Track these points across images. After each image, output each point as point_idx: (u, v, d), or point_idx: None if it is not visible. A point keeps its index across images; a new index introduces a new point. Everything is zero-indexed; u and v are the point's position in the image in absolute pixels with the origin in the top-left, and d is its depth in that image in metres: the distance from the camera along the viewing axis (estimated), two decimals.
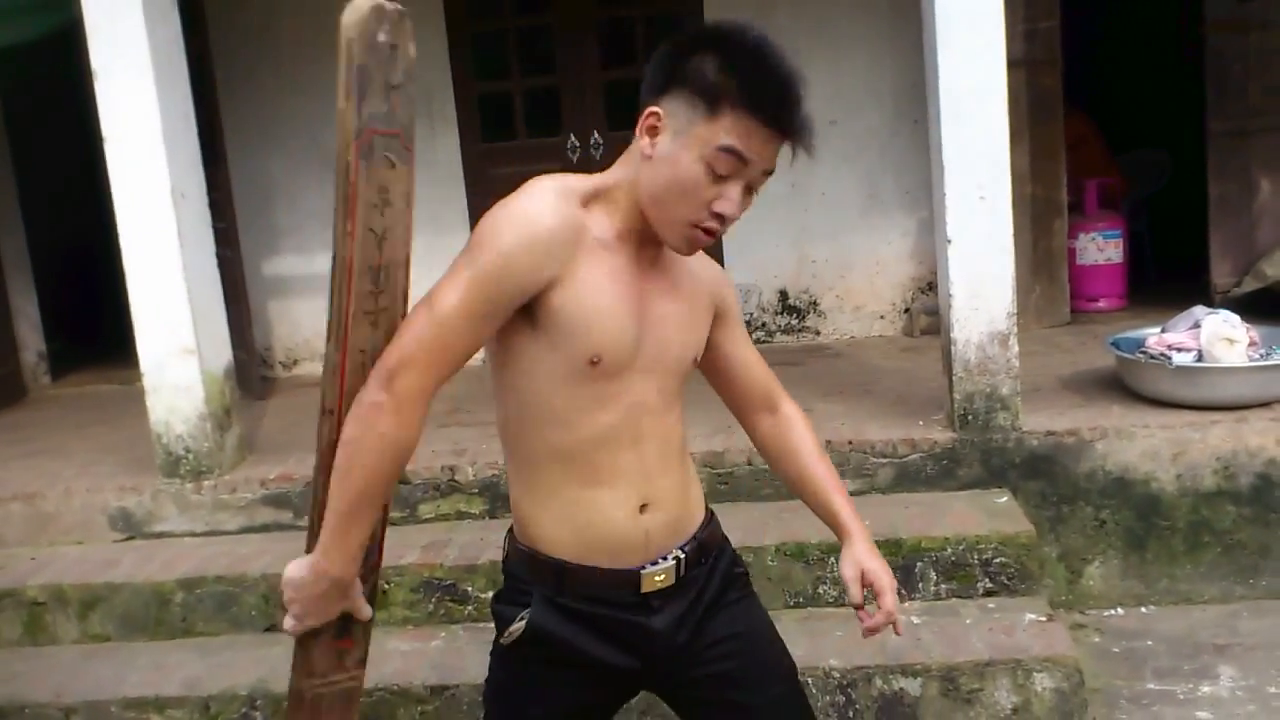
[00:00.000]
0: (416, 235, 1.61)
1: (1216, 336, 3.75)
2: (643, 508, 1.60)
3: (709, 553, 1.69)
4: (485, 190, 5.25)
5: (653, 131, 1.50)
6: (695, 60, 1.47)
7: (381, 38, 1.45)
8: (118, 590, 3.52)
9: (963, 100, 3.56)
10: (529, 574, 1.62)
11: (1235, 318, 3.84)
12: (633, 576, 1.60)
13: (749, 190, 1.53)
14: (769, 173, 1.53)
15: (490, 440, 3.97)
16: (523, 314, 1.49)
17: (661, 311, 1.59)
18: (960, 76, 3.55)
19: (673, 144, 1.48)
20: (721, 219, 1.51)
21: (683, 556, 1.64)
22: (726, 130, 1.46)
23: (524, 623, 1.60)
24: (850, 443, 3.72)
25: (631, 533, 1.59)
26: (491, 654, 1.72)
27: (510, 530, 1.69)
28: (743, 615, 1.71)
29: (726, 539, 1.78)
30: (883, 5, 5.26)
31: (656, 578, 1.61)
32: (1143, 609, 3.65)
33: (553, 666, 1.62)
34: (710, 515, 1.74)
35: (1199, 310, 3.94)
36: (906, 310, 5.53)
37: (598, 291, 1.49)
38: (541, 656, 1.62)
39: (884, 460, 3.71)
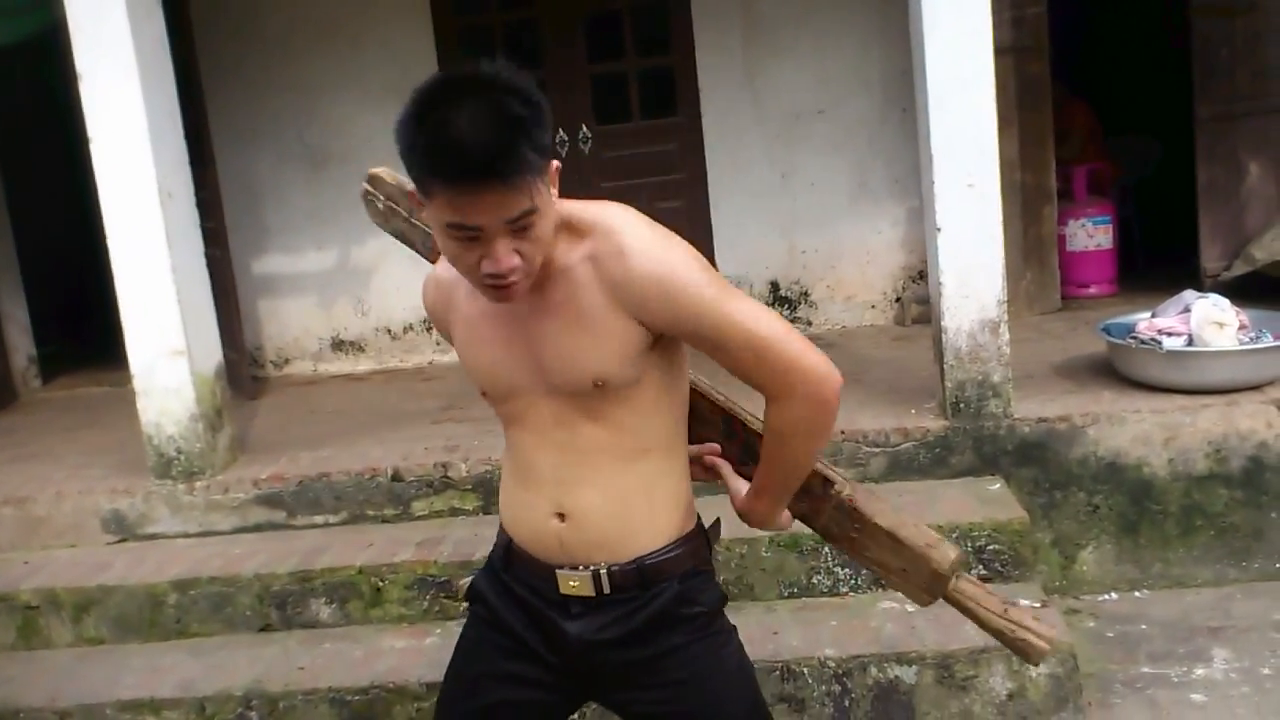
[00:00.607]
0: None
1: (1206, 320, 3.76)
2: (560, 516, 1.62)
3: (651, 582, 1.62)
4: None
5: (420, 210, 1.55)
6: (400, 146, 1.43)
7: None
8: (111, 593, 3.52)
9: (950, 88, 3.56)
10: (496, 542, 1.77)
11: (1225, 301, 3.85)
12: (551, 573, 1.64)
13: (518, 235, 1.42)
14: (519, 218, 1.40)
15: (483, 436, 3.96)
16: None
17: (539, 336, 1.56)
18: (948, 64, 3.55)
19: (438, 239, 1.48)
20: (500, 275, 1.44)
21: (604, 573, 1.61)
22: (440, 207, 1.41)
23: (470, 579, 1.78)
24: (843, 433, 3.73)
25: (545, 534, 1.64)
26: None
27: None
28: (689, 661, 1.64)
29: (697, 575, 1.66)
30: None
31: (571, 582, 1.63)
32: (1136, 593, 3.66)
33: (488, 628, 1.74)
34: (677, 545, 1.64)
35: (1189, 295, 3.94)
36: (898, 299, 5.53)
37: (469, 332, 1.64)
38: (480, 616, 1.76)
39: (877, 449, 3.72)
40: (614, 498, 1.61)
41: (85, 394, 5.76)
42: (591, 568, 1.62)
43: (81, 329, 6.59)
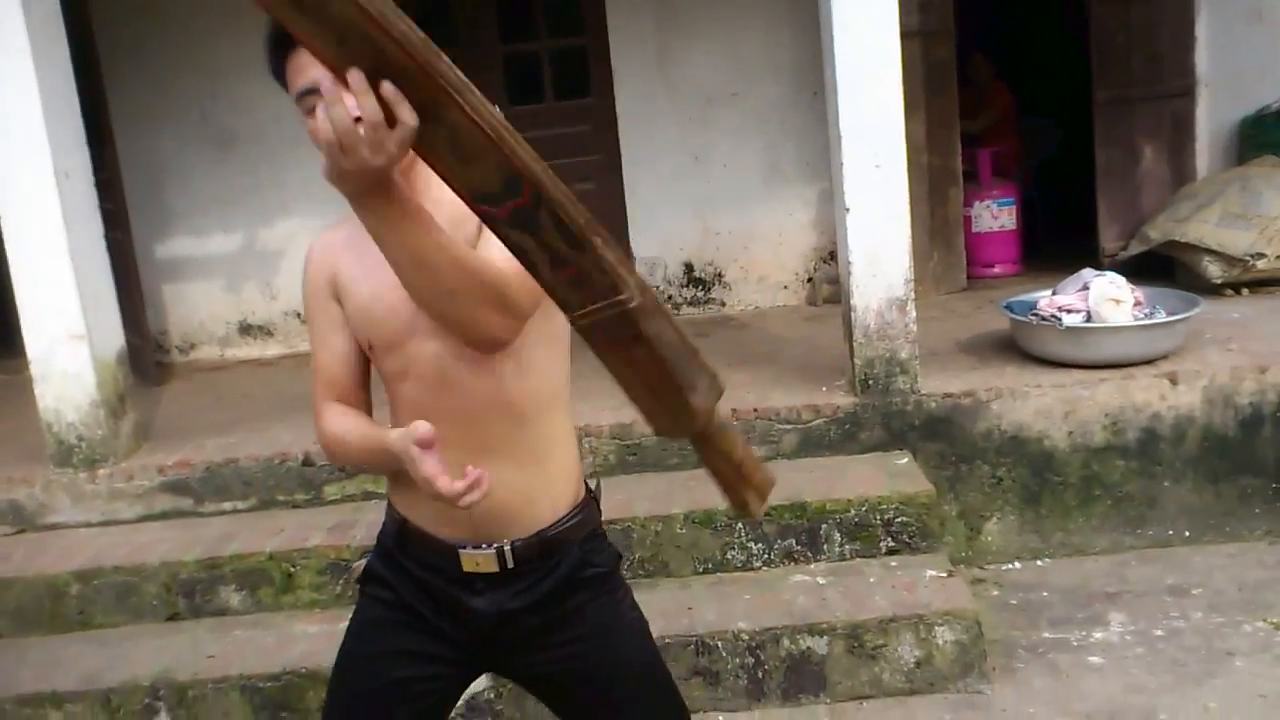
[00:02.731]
0: (331, 218, 1.65)
1: (1103, 298, 3.89)
2: None
3: (553, 552, 1.64)
4: None
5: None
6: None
7: None
8: (9, 585, 3.41)
9: (858, 72, 3.61)
10: (387, 524, 1.74)
11: (1121, 279, 3.98)
12: (453, 552, 1.63)
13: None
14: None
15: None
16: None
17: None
18: (855, 48, 3.61)
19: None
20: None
21: (509, 549, 1.61)
22: (290, 87, 1.52)
23: (364, 561, 1.76)
24: (755, 410, 3.77)
25: (451, 512, 1.52)
26: None
27: None
28: (591, 617, 1.67)
29: (592, 537, 1.70)
30: None
31: (475, 560, 1.62)
32: (1038, 562, 3.78)
33: (386, 607, 1.71)
34: (575, 513, 1.66)
35: (1087, 273, 4.07)
36: (809, 280, 5.61)
37: (354, 277, 1.62)
38: (377, 596, 1.73)
39: (789, 427, 3.77)
40: (513, 468, 1.59)
41: None
42: (495, 545, 1.61)
43: None
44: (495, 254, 1.37)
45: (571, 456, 1.70)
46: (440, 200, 1.42)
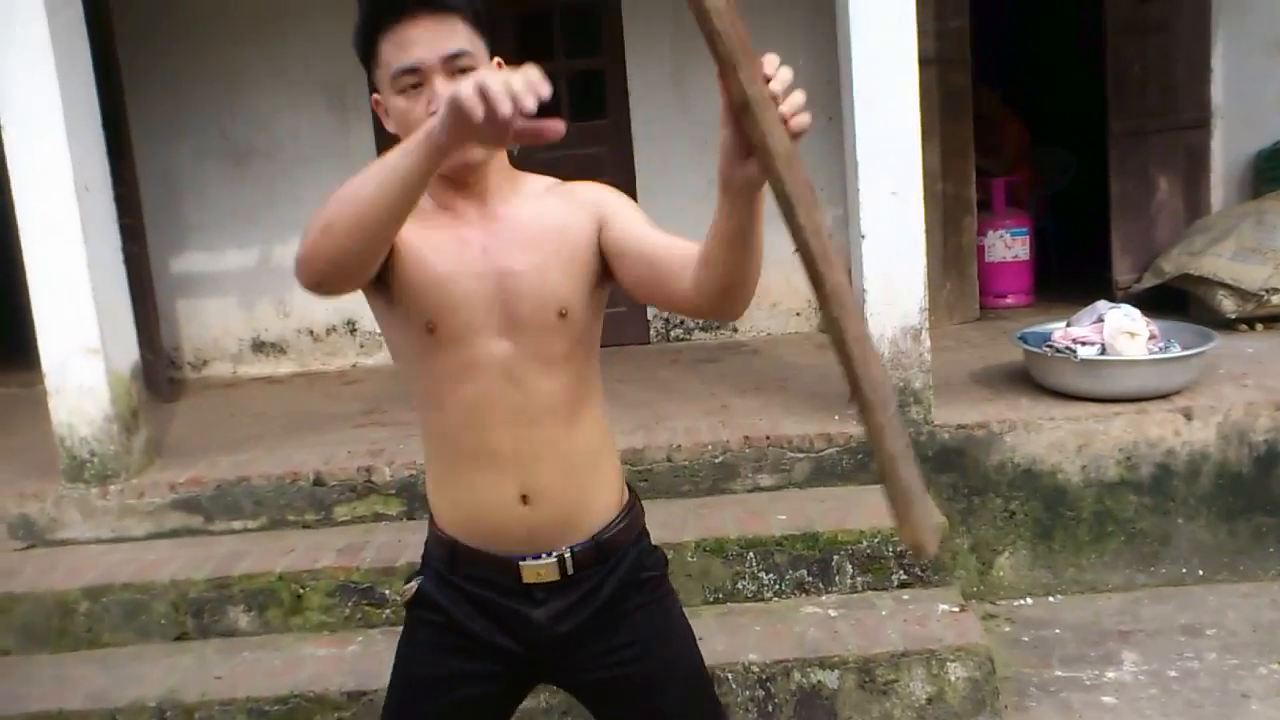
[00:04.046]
0: None
1: (1118, 330, 3.87)
2: (524, 499, 1.59)
3: (609, 556, 1.65)
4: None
5: (384, 111, 1.59)
6: (355, 38, 1.57)
7: None
8: (18, 601, 3.40)
9: (875, 98, 3.62)
10: (433, 547, 1.70)
11: (1136, 312, 3.97)
12: (513, 565, 1.62)
13: (458, 77, 1.47)
14: (455, 56, 1.49)
15: (407, 440, 3.92)
16: (378, 295, 1.56)
17: (506, 265, 1.55)
18: (872, 75, 3.61)
19: (389, 105, 1.56)
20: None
21: (569, 556, 1.62)
22: (384, 62, 1.52)
23: (416, 584, 1.71)
24: (767, 438, 3.76)
25: (511, 523, 1.59)
26: None
27: None
28: (645, 622, 1.68)
29: (642, 539, 1.72)
30: (798, 3, 5.31)
31: (538, 571, 1.61)
32: (1050, 598, 3.75)
33: (439, 631, 1.68)
34: (624, 515, 1.68)
35: (1102, 305, 4.06)
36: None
37: (427, 257, 1.54)
38: (429, 620, 1.70)
39: (800, 455, 3.76)
40: (569, 471, 1.60)
41: None
42: (556, 553, 1.61)
43: None
44: (665, 239, 1.55)
45: (613, 459, 1.71)
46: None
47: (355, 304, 5.48)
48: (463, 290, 1.53)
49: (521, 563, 1.61)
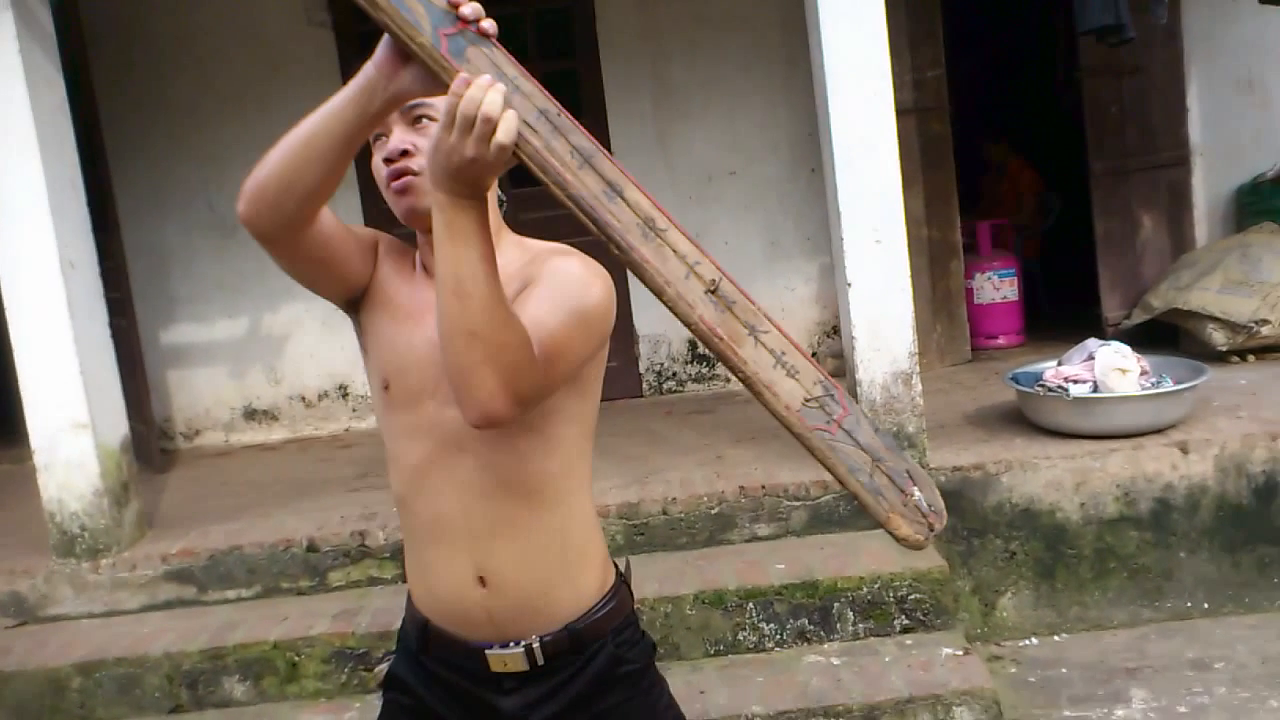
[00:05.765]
0: (330, 306, 1.61)
1: (1110, 367, 3.88)
2: (481, 580, 1.50)
3: (584, 646, 1.53)
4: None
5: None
6: None
7: None
8: (9, 680, 3.35)
9: (855, 148, 3.65)
10: (408, 625, 1.64)
11: (1127, 349, 3.98)
12: (478, 654, 1.53)
13: (415, 127, 1.47)
14: (414, 107, 1.45)
15: None
16: (360, 342, 1.57)
17: None
18: (851, 125, 3.65)
19: None
20: (389, 161, 1.48)
21: (537, 646, 1.51)
22: None
23: (386, 667, 1.65)
24: (763, 487, 3.74)
25: (470, 607, 1.50)
26: None
27: None
28: (625, 718, 1.57)
29: (625, 628, 1.59)
30: (775, 58, 5.39)
31: (504, 660, 1.52)
32: (1056, 637, 3.71)
33: (410, 715, 1.62)
34: (605, 602, 1.56)
35: (1092, 343, 4.07)
36: (813, 354, 5.60)
37: (392, 315, 1.52)
38: (401, 704, 1.64)
39: (797, 503, 3.74)
40: (531, 552, 1.50)
41: None
42: (523, 643, 1.51)
43: None
44: (529, 322, 1.34)
45: (594, 542, 1.58)
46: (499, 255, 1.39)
47: (347, 368, 5.52)
48: (416, 355, 1.49)
49: (488, 651, 1.52)
